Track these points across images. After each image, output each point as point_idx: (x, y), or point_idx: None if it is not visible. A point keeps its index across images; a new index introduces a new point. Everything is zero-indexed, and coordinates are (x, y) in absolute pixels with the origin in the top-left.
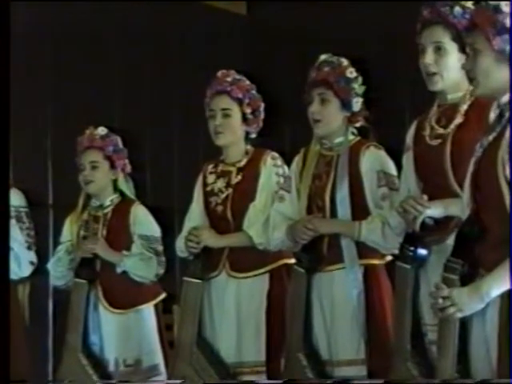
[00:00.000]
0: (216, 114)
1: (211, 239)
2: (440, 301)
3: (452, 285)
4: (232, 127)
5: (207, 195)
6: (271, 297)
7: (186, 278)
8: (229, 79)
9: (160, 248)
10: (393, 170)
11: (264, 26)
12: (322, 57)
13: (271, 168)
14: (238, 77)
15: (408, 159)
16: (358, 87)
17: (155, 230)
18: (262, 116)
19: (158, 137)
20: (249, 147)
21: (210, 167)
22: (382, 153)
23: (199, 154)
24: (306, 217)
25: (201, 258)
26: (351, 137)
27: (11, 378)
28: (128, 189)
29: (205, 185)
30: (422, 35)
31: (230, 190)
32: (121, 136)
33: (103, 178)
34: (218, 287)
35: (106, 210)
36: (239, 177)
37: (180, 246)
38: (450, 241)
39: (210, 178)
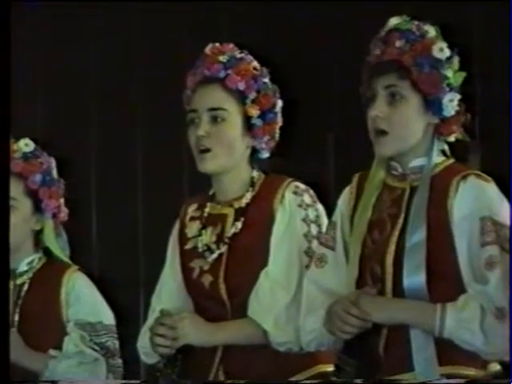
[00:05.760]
0: (200, 118)
1: (196, 333)
2: None
3: None
4: (227, 140)
5: (186, 257)
6: None
7: None
8: (223, 58)
9: (112, 344)
10: (509, 219)
11: None
12: (393, 21)
13: (294, 209)
14: (238, 55)
15: None
16: (453, 76)
17: (104, 313)
18: (280, 123)
19: (111, 162)
20: (256, 174)
21: (192, 209)
22: (492, 188)
23: (183, 188)
24: (351, 294)
25: (178, 364)
26: (439, 158)
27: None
28: (58, 246)
29: (183, 239)
30: None
31: (224, 249)
32: (58, 158)
33: (18, 227)
34: None
35: (20, 280)
36: (239, 225)
37: (145, 346)
38: None
39: (192, 228)
